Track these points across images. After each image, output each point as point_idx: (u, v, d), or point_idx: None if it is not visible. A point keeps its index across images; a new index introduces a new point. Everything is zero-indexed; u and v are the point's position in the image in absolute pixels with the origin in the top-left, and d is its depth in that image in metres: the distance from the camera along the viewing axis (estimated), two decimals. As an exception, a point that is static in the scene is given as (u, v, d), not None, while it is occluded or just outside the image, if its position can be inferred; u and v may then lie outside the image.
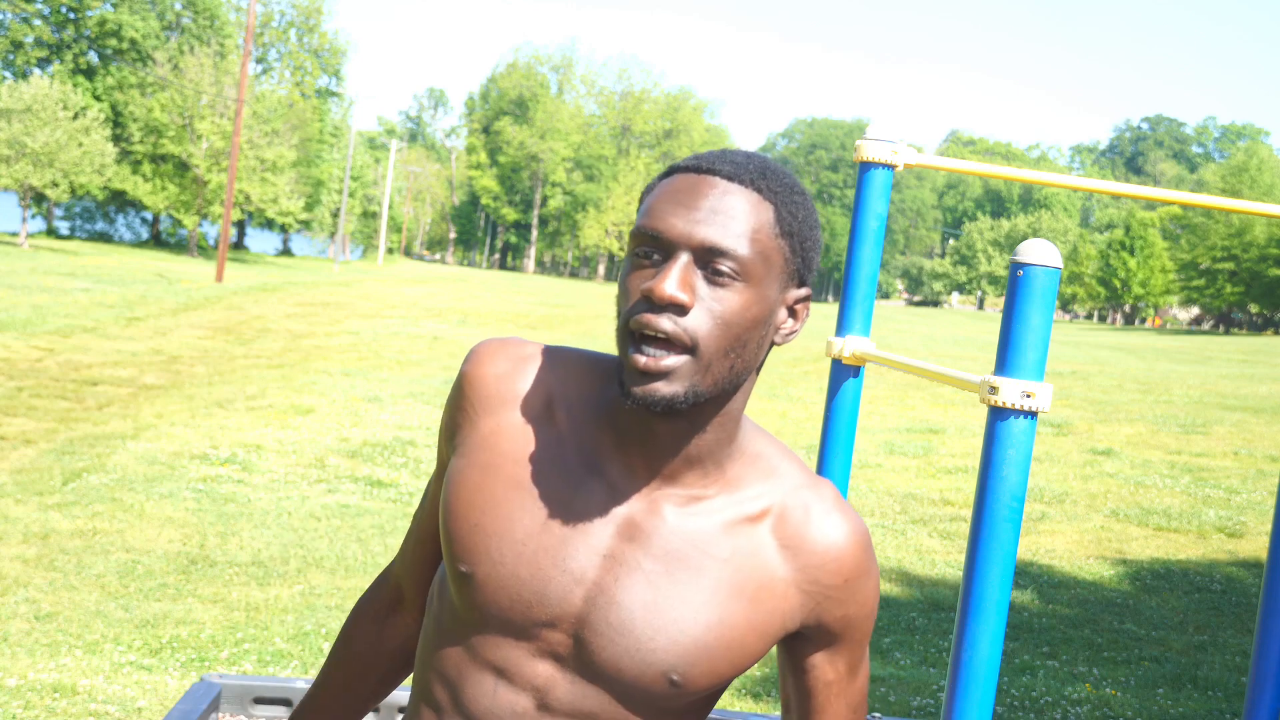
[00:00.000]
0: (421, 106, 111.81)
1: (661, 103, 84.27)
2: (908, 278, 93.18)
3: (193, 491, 8.19)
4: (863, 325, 2.39)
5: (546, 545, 1.17)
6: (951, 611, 6.70)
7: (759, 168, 1.15)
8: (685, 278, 1.09)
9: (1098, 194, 17.15)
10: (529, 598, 1.16)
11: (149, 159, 50.22)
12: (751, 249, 1.11)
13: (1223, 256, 57.19)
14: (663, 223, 1.10)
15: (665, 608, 1.15)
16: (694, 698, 1.19)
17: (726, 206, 1.11)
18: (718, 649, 1.16)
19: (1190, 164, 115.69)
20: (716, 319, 1.10)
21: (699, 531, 1.17)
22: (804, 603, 1.20)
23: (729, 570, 1.17)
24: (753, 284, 1.12)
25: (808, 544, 1.19)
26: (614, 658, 1.15)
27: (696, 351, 1.09)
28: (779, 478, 1.21)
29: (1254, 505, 9.60)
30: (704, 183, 1.12)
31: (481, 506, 1.18)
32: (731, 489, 1.19)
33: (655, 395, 1.09)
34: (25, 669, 4.85)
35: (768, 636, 1.19)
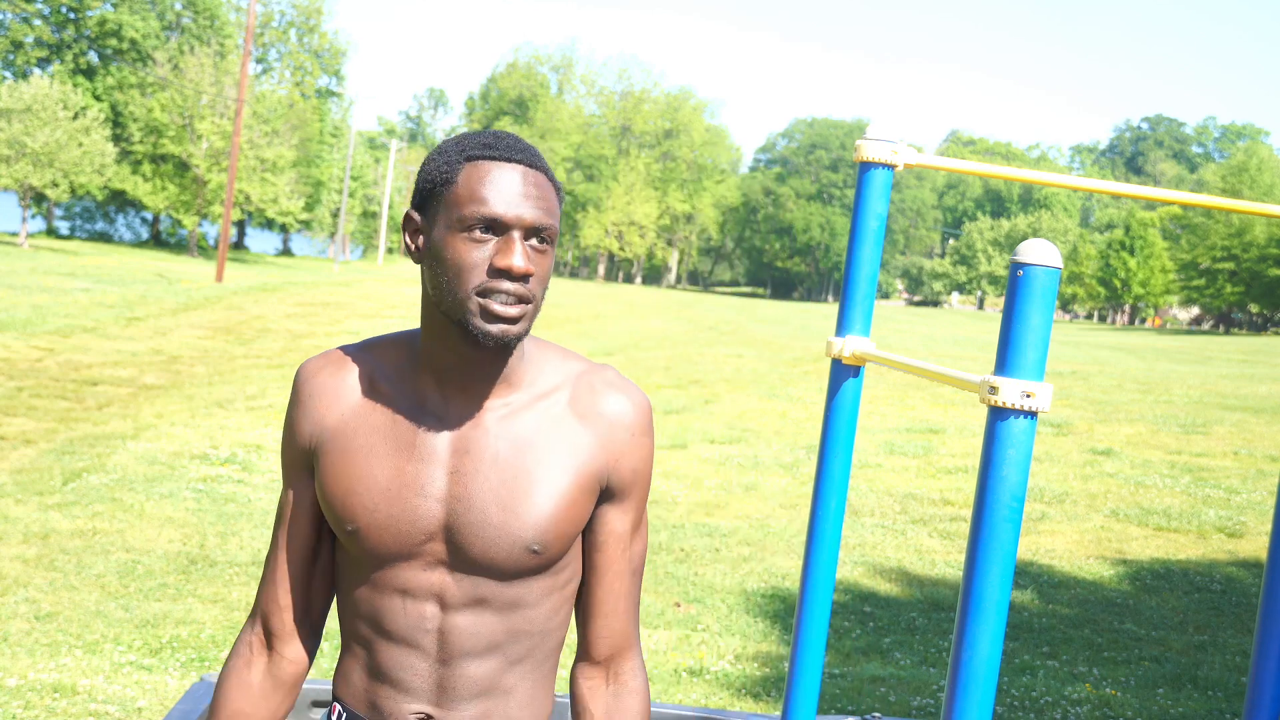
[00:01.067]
0: (421, 106, 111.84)
1: (661, 103, 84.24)
2: (908, 278, 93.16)
3: (193, 491, 8.19)
4: (863, 325, 2.39)
5: (404, 482, 1.45)
6: (951, 611, 6.70)
7: (538, 154, 1.45)
8: (526, 252, 1.39)
9: (1098, 194, 17.15)
10: (404, 526, 1.45)
11: (149, 159, 50.22)
12: (555, 221, 1.43)
13: (1223, 256, 57.16)
14: (497, 208, 1.38)
15: (509, 496, 1.44)
16: (554, 557, 1.48)
17: (537, 191, 1.41)
18: (558, 515, 1.46)
19: (1190, 164, 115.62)
20: (540, 280, 1.42)
21: (516, 430, 1.47)
22: (606, 460, 1.49)
23: (546, 453, 1.46)
24: (553, 247, 1.44)
25: (602, 413, 1.49)
26: (483, 548, 1.44)
27: (533, 302, 1.42)
28: (564, 369, 1.51)
29: (1254, 505, 9.60)
30: (514, 171, 1.41)
31: (349, 476, 1.47)
32: (528, 388, 1.49)
33: (510, 335, 1.40)
34: (25, 669, 4.85)
35: (590, 493, 1.49)
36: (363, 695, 1.53)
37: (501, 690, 1.50)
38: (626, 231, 78.31)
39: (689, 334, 23.87)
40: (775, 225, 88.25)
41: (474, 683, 1.49)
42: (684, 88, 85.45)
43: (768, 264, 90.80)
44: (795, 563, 7.50)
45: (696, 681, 5.36)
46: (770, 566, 7.42)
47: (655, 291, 60.15)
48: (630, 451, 1.51)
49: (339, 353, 1.55)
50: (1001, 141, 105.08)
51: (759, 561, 7.53)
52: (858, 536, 8.29)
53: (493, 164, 1.40)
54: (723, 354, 19.65)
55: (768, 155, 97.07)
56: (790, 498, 9.42)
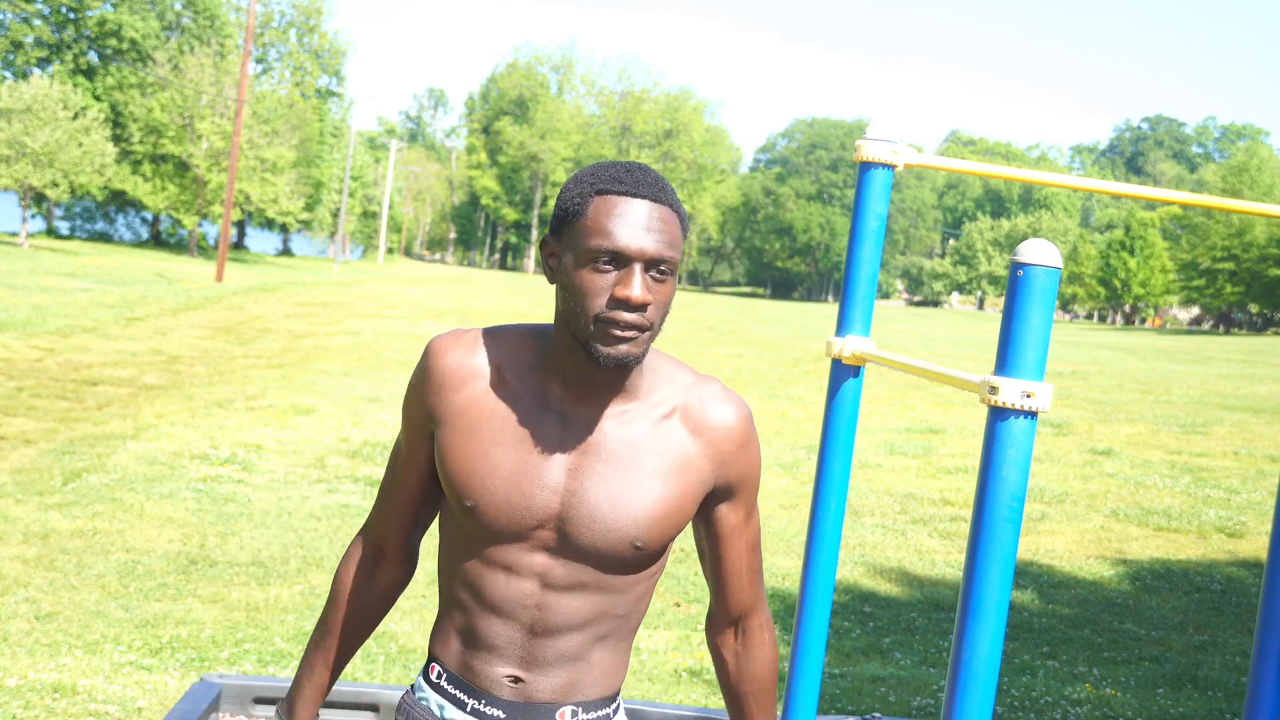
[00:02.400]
0: (421, 106, 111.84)
1: (661, 103, 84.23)
2: (908, 278, 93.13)
3: (193, 491, 8.19)
4: (863, 325, 2.39)
5: (524, 471, 1.58)
6: (951, 611, 6.70)
7: (666, 187, 1.55)
8: (645, 283, 1.50)
9: (1098, 194, 17.15)
10: (520, 512, 1.58)
11: (149, 159, 50.21)
12: (676, 253, 1.53)
13: (1223, 256, 57.13)
14: (620, 241, 1.49)
15: (619, 496, 1.58)
16: (654, 554, 1.64)
17: (659, 224, 1.51)
18: (663, 517, 1.60)
19: (1190, 164, 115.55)
20: (659, 306, 1.53)
21: (631, 436, 1.60)
22: (713, 469, 1.64)
23: (658, 459, 1.60)
24: (674, 275, 1.54)
25: (709, 426, 1.63)
26: (590, 539, 1.58)
27: (651, 328, 1.53)
28: (676, 382, 1.65)
29: (1254, 505, 9.60)
30: (645, 207, 1.51)
31: (472, 456, 1.60)
32: (645, 399, 1.62)
33: (627, 358, 1.52)
34: (25, 669, 4.85)
35: (694, 499, 1.63)
36: (458, 656, 1.67)
37: (586, 661, 1.65)
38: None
39: (689, 334, 23.88)
40: (775, 225, 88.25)
41: (562, 654, 1.64)
42: (684, 88, 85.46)
43: (768, 264, 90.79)
44: (795, 563, 7.49)
45: (696, 681, 5.36)
46: (770, 566, 7.42)
47: (655, 291, 60.05)
48: (736, 459, 1.66)
49: (473, 334, 1.66)
50: (1001, 141, 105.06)
51: (759, 561, 7.53)
52: (858, 536, 8.29)
53: (620, 199, 1.51)
54: (723, 354, 19.65)
55: (768, 155, 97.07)
56: (790, 498, 9.42)
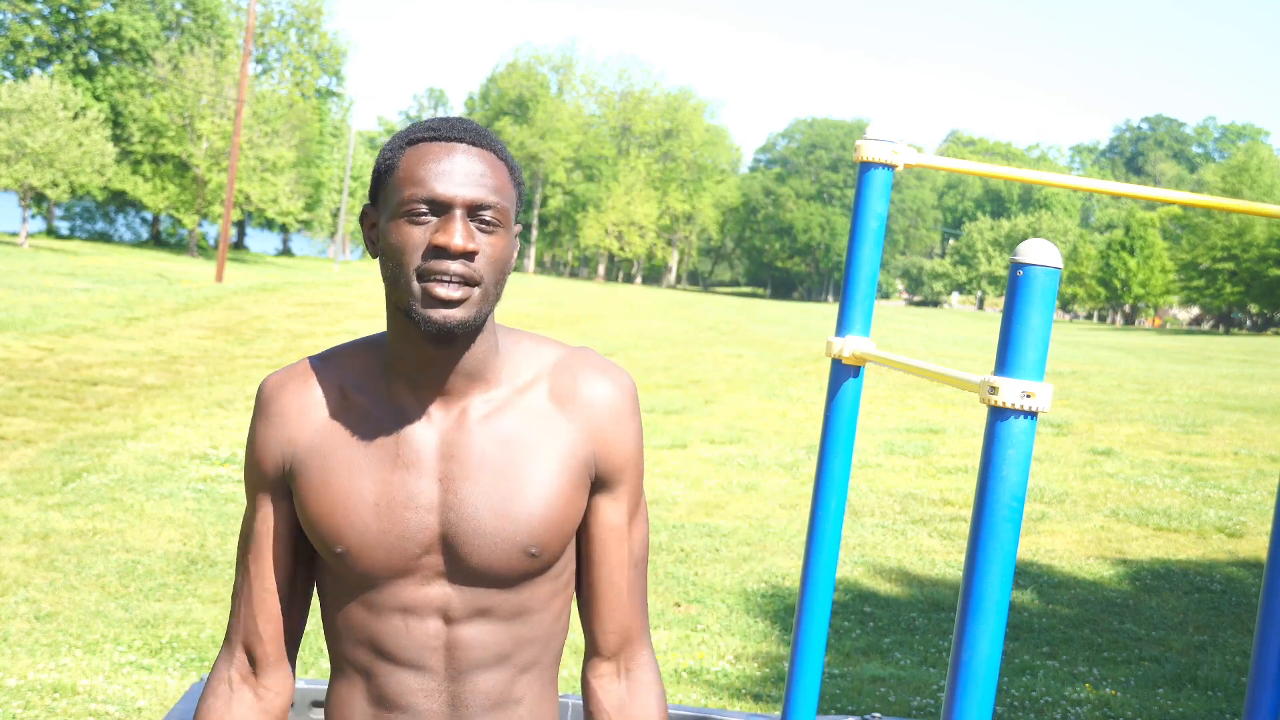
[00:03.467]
0: (421, 106, 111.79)
1: (661, 103, 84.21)
2: (908, 278, 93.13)
3: (193, 491, 8.19)
4: (863, 325, 2.39)
5: (393, 495, 1.39)
6: (951, 611, 6.70)
7: (486, 133, 1.38)
8: (467, 230, 1.33)
9: (1098, 194, 17.15)
10: (398, 542, 1.38)
11: (149, 159, 50.23)
12: (503, 200, 1.36)
13: (1223, 256, 57.14)
14: (435, 186, 1.33)
15: (501, 500, 1.38)
16: (553, 558, 1.43)
17: (481, 168, 1.35)
18: (553, 513, 1.40)
19: (1190, 164, 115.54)
20: (490, 261, 1.35)
21: (500, 429, 1.41)
22: (592, 447, 1.44)
23: (534, 448, 1.41)
24: (505, 228, 1.37)
25: (583, 398, 1.43)
26: (482, 556, 1.38)
27: (481, 284, 1.34)
28: (542, 358, 1.46)
29: (1254, 505, 9.60)
30: (455, 149, 1.35)
31: (332, 495, 1.40)
32: (507, 382, 1.43)
33: (451, 321, 1.32)
34: (25, 669, 4.85)
35: (582, 485, 1.44)
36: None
37: (512, 700, 1.45)
38: (626, 231, 78.30)
39: (689, 334, 23.87)
40: (775, 225, 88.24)
41: (485, 696, 1.43)
42: (684, 88, 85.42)
43: (768, 264, 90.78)
44: (795, 563, 7.49)
45: (696, 681, 5.36)
46: (770, 566, 7.42)
47: (655, 291, 60.15)
48: (616, 435, 1.45)
49: (303, 365, 1.47)
50: (1001, 141, 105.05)
51: (759, 561, 7.53)
52: (858, 536, 8.29)
53: (434, 144, 1.35)
54: (723, 354, 19.65)
55: (768, 155, 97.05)
56: (790, 498, 9.42)
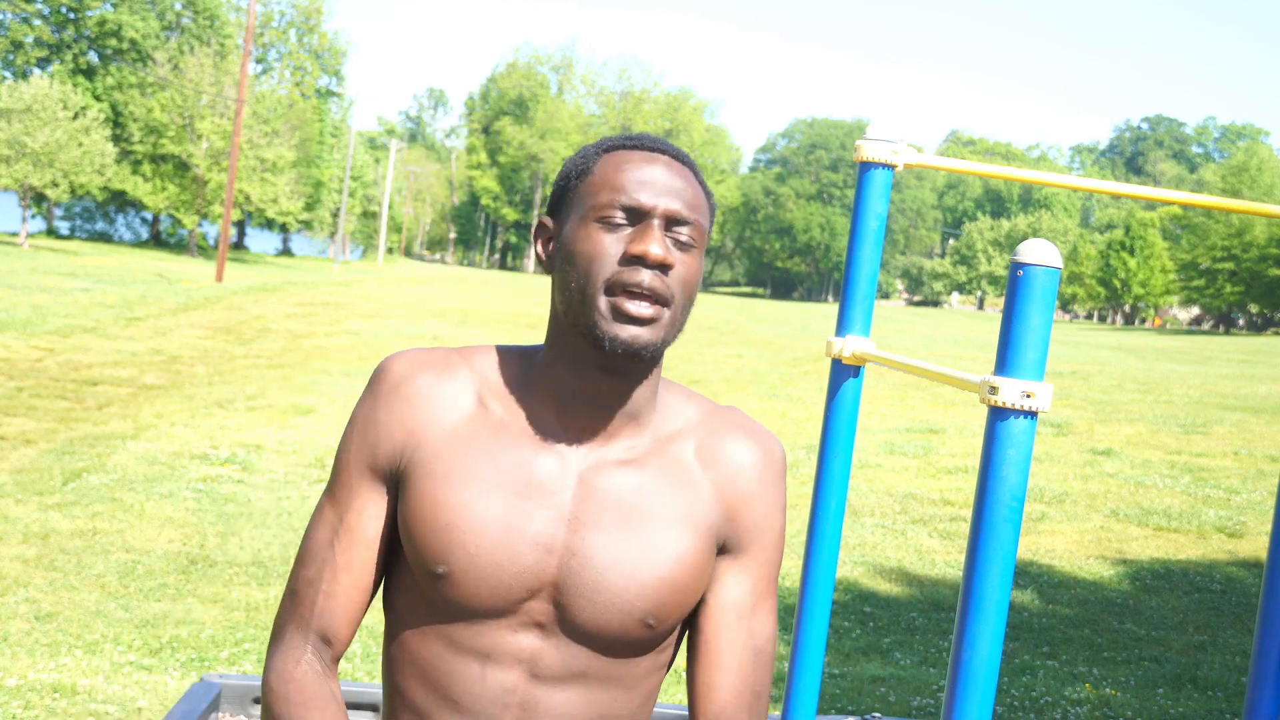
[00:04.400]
0: (421, 106, 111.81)
1: (661, 103, 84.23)
2: (908, 278, 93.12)
3: (193, 491, 8.19)
4: (863, 325, 2.39)
5: (514, 524, 1.23)
6: (951, 611, 6.70)
7: (685, 154, 1.29)
8: (665, 242, 1.21)
9: (1098, 194, 17.15)
10: (508, 578, 1.22)
11: (149, 159, 50.23)
12: (701, 218, 1.25)
13: (1223, 256, 57.14)
14: (635, 193, 1.22)
15: (631, 557, 1.23)
16: (667, 631, 1.28)
17: (683, 183, 1.24)
18: (681, 583, 1.25)
19: (1190, 164, 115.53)
20: (683, 282, 1.23)
21: (640, 477, 1.27)
22: (723, 511, 1.30)
23: (669, 506, 1.26)
24: (699, 250, 1.26)
25: (723, 458, 1.31)
26: (594, 614, 1.23)
27: (672, 306, 1.22)
28: (690, 409, 1.33)
29: (1254, 505, 9.60)
30: (657, 160, 1.24)
31: (449, 508, 1.23)
32: (653, 430, 1.30)
33: (639, 341, 1.20)
34: (25, 669, 4.85)
35: (710, 551, 1.29)
36: None
37: None
38: (626, 231, 78.28)
39: (689, 334, 23.86)
40: (775, 225, 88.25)
41: None
42: (684, 88, 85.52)
43: (768, 264, 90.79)
44: (795, 563, 7.49)
45: (696, 681, 5.36)
46: (770, 566, 7.42)
47: (655, 291, 60.08)
48: (752, 502, 1.31)
49: (443, 353, 1.32)
50: (1001, 141, 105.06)
51: (759, 561, 7.53)
52: (858, 536, 8.29)
53: (635, 153, 1.25)
54: (723, 354, 19.64)
55: (768, 155, 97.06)
56: (790, 498, 9.42)
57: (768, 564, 1.33)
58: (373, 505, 1.30)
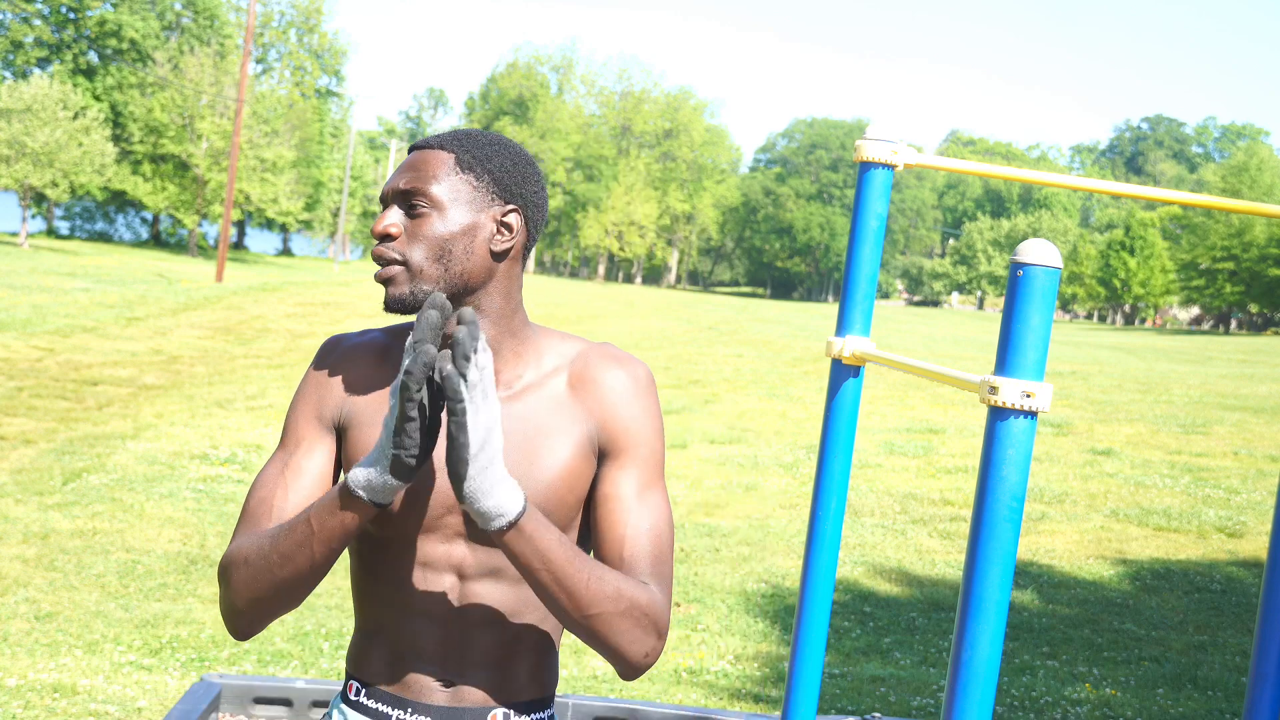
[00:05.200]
0: (421, 106, 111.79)
1: (661, 103, 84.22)
2: (908, 278, 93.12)
3: (193, 491, 8.19)
4: (863, 325, 2.39)
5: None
6: (951, 611, 6.70)
7: (452, 134, 1.57)
8: (390, 218, 1.52)
9: (1098, 194, 17.16)
10: (426, 499, 1.52)
11: (149, 159, 50.24)
12: (431, 184, 1.52)
13: (1223, 256, 57.14)
14: (385, 187, 1.55)
15: (515, 469, 1.51)
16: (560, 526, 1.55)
17: (415, 164, 1.54)
18: (560, 484, 1.54)
19: (1190, 164, 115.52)
20: (419, 240, 1.51)
21: (523, 407, 1.56)
22: (596, 424, 1.57)
23: (549, 426, 1.55)
24: (440, 210, 1.52)
25: (590, 381, 1.58)
26: None
27: (407, 264, 1.51)
28: (565, 348, 1.61)
29: (1254, 505, 9.60)
30: (409, 156, 1.57)
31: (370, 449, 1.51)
32: (535, 368, 1.59)
33: (388, 297, 1.52)
34: (25, 669, 4.85)
35: (588, 459, 1.56)
36: (384, 670, 1.59)
37: (513, 660, 1.58)
38: (626, 231, 78.30)
39: (689, 334, 23.87)
40: (775, 225, 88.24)
41: (487, 651, 1.57)
42: (684, 88, 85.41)
43: (768, 264, 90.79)
44: (795, 563, 7.50)
45: (696, 681, 5.36)
46: (770, 566, 7.42)
47: (655, 291, 60.15)
48: (622, 412, 1.58)
49: (367, 332, 1.65)
50: (1001, 141, 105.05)
51: (759, 561, 7.53)
52: (858, 536, 8.29)
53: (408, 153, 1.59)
54: (723, 354, 19.65)
55: (768, 155, 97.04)
56: (790, 498, 9.42)
57: (646, 461, 1.59)
58: (319, 446, 1.58)
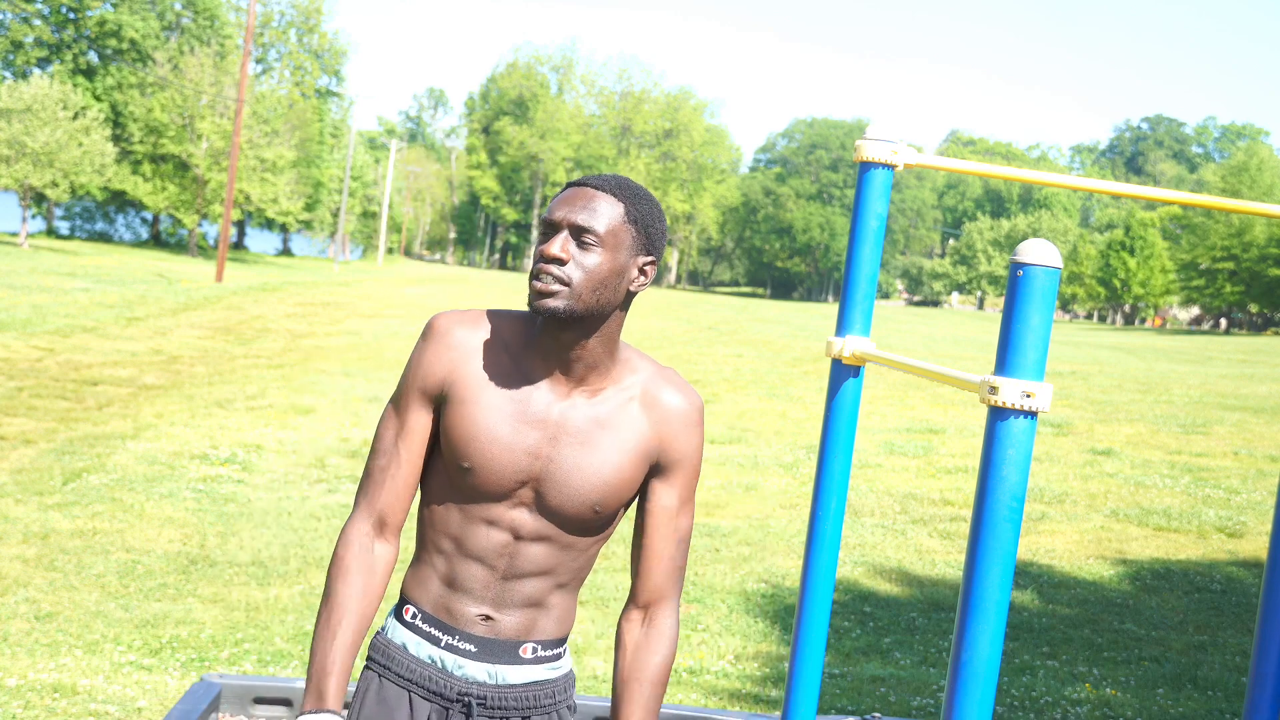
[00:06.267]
0: (421, 106, 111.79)
1: (661, 103, 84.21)
2: (908, 278, 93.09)
3: (193, 491, 8.19)
4: (863, 325, 2.39)
5: (513, 439, 1.83)
6: (951, 611, 6.70)
7: (618, 181, 1.82)
8: (564, 244, 1.77)
9: (1098, 194, 17.17)
10: (508, 473, 1.83)
11: (149, 159, 50.22)
12: (604, 227, 1.78)
13: (1223, 256, 57.11)
14: (553, 214, 1.80)
15: (586, 464, 1.83)
16: (609, 517, 1.89)
17: (591, 203, 1.79)
18: (618, 484, 1.85)
19: (1190, 164, 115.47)
20: (584, 271, 1.77)
21: (600, 414, 1.86)
22: (657, 442, 1.88)
23: (618, 435, 1.86)
24: (607, 250, 1.79)
25: (660, 405, 1.88)
26: (560, 500, 1.84)
27: (570, 284, 1.77)
28: (642, 371, 1.90)
29: (1254, 505, 9.60)
30: (580, 190, 1.81)
31: (474, 423, 1.83)
32: (616, 384, 1.88)
33: (545, 308, 1.77)
34: (25, 669, 4.85)
35: (641, 469, 1.88)
36: (435, 598, 1.89)
37: (545, 605, 1.90)
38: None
39: (689, 334, 23.87)
40: (775, 225, 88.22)
41: (526, 597, 1.88)
42: (684, 88, 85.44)
43: (768, 264, 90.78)
44: (795, 563, 7.50)
45: (696, 681, 5.36)
46: (770, 566, 7.42)
47: (655, 291, 60.14)
48: (678, 437, 1.88)
49: (476, 313, 1.90)
50: (1001, 141, 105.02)
51: (759, 561, 7.53)
52: (858, 536, 8.29)
53: (571, 187, 1.82)
54: (723, 354, 19.65)
55: (768, 155, 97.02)
56: (790, 498, 9.42)
57: (687, 483, 1.92)
58: (423, 417, 1.88)
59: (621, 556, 7.12)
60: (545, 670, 1.92)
